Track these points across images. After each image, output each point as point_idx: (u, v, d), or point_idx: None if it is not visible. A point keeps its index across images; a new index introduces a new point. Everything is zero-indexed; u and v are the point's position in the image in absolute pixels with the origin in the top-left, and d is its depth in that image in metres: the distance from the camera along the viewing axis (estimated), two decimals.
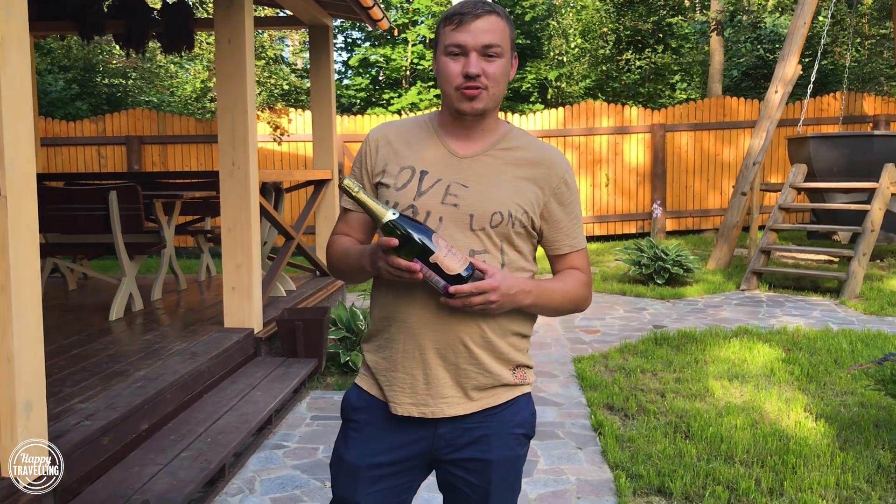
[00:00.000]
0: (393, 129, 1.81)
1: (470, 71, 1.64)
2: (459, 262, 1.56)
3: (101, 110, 14.84)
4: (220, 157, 4.98)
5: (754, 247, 8.97)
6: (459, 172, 1.71)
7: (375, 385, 1.78)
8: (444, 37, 1.69)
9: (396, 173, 1.73)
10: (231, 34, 4.88)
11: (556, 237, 1.79)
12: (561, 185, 1.77)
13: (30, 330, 2.68)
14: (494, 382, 1.74)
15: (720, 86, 15.19)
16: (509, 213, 1.69)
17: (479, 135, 1.75)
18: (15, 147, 2.59)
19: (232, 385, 4.47)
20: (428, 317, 1.69)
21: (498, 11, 1.69)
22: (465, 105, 1.68)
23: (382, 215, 1.56)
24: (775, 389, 4.82)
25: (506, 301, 1.62)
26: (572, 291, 1.79)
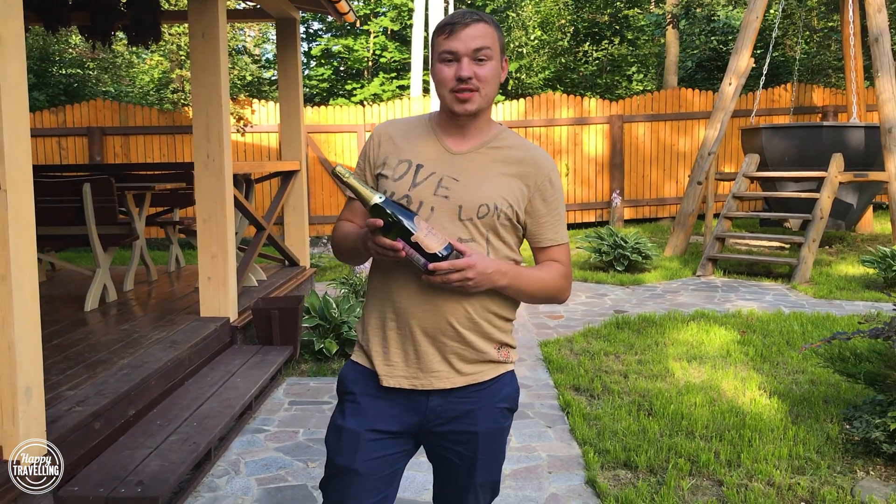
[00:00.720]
0: (396, 125, 1.97)
1: (462, 74, 1.80)
2: (438, 242, 1.70)
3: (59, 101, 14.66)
4: (194, 149, 5.07)
5: (709, 234, 9.29)
6: (452, 167, 1.87)
7: (369, 361, 1.92)
8: (437, 46, 1.85)
9: (395, 165, 1.90)
10: (205, 28, 4.97)
11: (539, 231, 1.93)
12: (545, 183, 1.91)
13: (29, 319, 2.79)
14: (480, 358, 1.88)
15: (676, 77, 15.54)
16: (495, 205, 1.84)
17: (473, 133, 1.90)
18: (14, 142, 2.69)
19: (211, 372, 4.59)
20: (416, 298, 1.84)
21: (486, 19, 1.85)
22: (458, 107, 1.83)
23: (370, 199, 1.70)
24: (731, 369, 5.08)
25: (482, 280, 1.76)
26: (549, 280, 1.93)
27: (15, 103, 2.69)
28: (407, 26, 16.71)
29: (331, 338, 5.40)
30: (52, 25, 7.20)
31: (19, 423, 2.72)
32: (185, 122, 12.05)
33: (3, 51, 2.62)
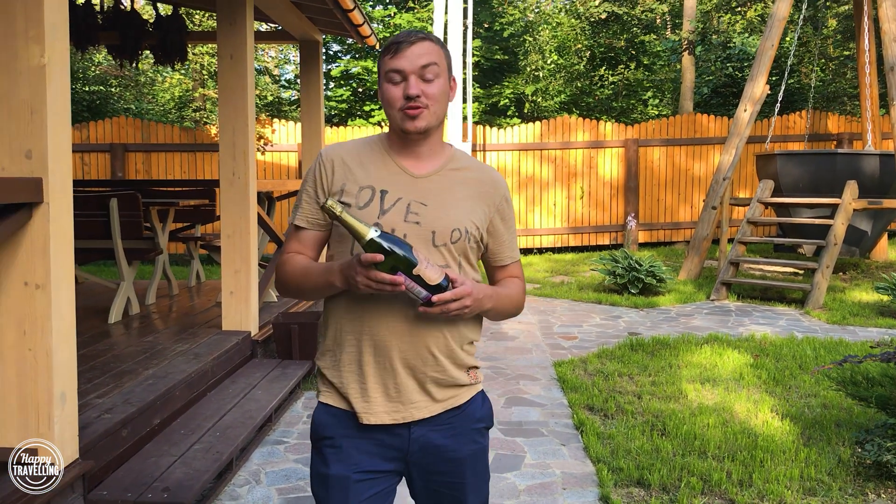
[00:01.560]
0: (344, 149, 1.89)
1: (410, 92, 1.75)
2: (437, 274, 1.68)
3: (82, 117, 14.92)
4: (220, 167, 5.20)
5: (724, 259, 9.34)
6: (417, 191, 1.82)
7: (343, 399, 1.84)
8: (384, 65, 1.80)
9: (356, 193, 1.81)
10: (233, 50, 5.12)
11: (500, 250, 1.95)
12: (503, 202, 1.92)
13: (65, 326, 2.90)
14: (454, 382, 1.86)
15: (691, 103, 15.65)
16: (466, 229, 1.82)
17: (428, 154, 1.86)
18: (57, 158, 2.81)
19: (233, 384, 4.69)
20: (398, 330, 1.79)
21: (432, 38, 1.81)
22: (409, 124, 1.78)
23: (365, 233, 1.63)
24: (744, 392, 5.13)
25: (476, 306, 1.76)
26: (517, 297, 1.97)
27: (59, 121, 2.81)
28: None
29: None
30: (82, 45, 7.40)
31: (54, 427, 2.82)
32: (205, 139, 12.24)
33: (50, 72, 2.75)
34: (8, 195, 2.66)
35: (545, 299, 9.00)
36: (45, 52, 2.73)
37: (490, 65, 17.62)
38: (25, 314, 2.79)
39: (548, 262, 11.95)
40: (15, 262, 2.78)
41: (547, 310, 8.33)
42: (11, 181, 2.68)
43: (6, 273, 2.79)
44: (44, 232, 2.78)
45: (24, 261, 2.78)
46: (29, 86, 2.74)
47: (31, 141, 2.75)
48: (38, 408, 2.81)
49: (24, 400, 2.80)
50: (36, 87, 2.74)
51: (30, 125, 2.75)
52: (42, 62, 2.73)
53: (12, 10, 2.71)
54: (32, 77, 2.73)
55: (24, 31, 2.72)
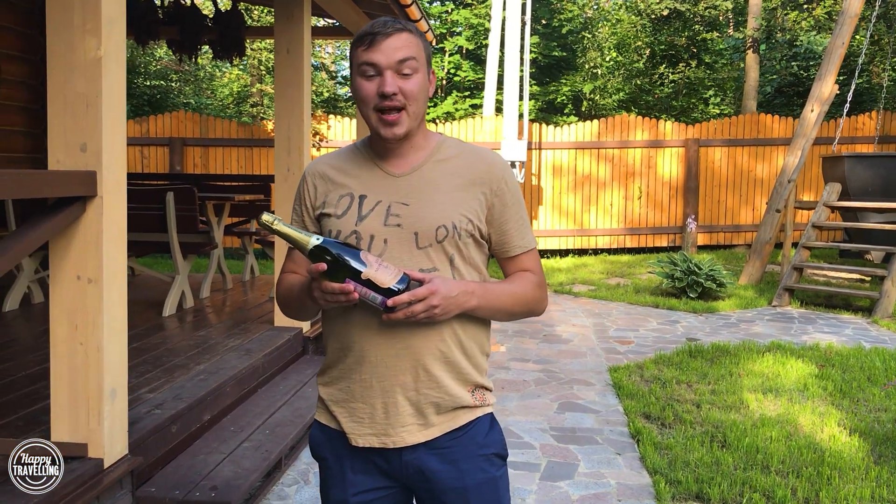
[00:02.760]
0: (326, 161, 1.80)
1: (385, 90, 1.60)
2: (392, 275, 1.53)
3: (143, 111, 15.19)
4: (275, 162, 5.18)
5: (787, 263, 9.05)
6: (398, 191, 1.68)
7: (334, 419, 1.74)
8: (356, 57, 1.65)
9: (336, 202, 1.71)
10: (290, 44, 5.09)
11: (505, 239, 1.75)
12: (501, 185, 1.72)
13: (117, 321, 2.88)
14: (454, 404, 1.69)
15: (755, 102, 15.24)
16: (453, 224, 1.66)
17: (410, 151, 1.72)
18: (111, 152, 2.79)
19: (284, 381, 4.66)
20: (383, 342, 1.65)
21: (410, 28, 1.66)
22: (386, 131, 1.65)
23: (307, 243, 1.53)
24: (809, 404, 4.92)
25: (449, 305, 1.59)
26: (522, 292, 1.74)
27: (114, 115, 2.79)
28: (482, 46, 16.81)
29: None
30: (143, 39, 7.47)
31: (104, 423, 2.80)
32: (262, 135, 12.33)
33: (106, 65, 2.73)
34: (62, 188, 2.64)
35: (601, 302, 8.83)
36: (101, 44, 2.71)
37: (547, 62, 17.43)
38: (77, 308, 2.78)
39: (603, 263, 11.75)
40: (68, 256, 2.77)
41: (602, 312, 8.17)
42: (66, 174, 2.66)
43: (59, 266, 2.77)
44: (97, 226, 2.76)
45: (77, 254, 2.76)
46: (85, 78, 2.71)
47: (85, 134, 2.73)
48: (88, 403, 2.79)
49: (74, 395, 2.79)
50: (92, 80, 2.72)
51: (85, 118, 2.73)
52: (98, 55, 2.71)
53: (70, 2, 2.69)
54: (88, 70, 2.71)
55: (82, 23, 2.70)
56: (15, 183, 2.43)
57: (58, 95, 2.72)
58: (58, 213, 2.66)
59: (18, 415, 3.29)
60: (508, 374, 5.70)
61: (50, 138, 2.73)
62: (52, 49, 2.71)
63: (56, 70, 2.71)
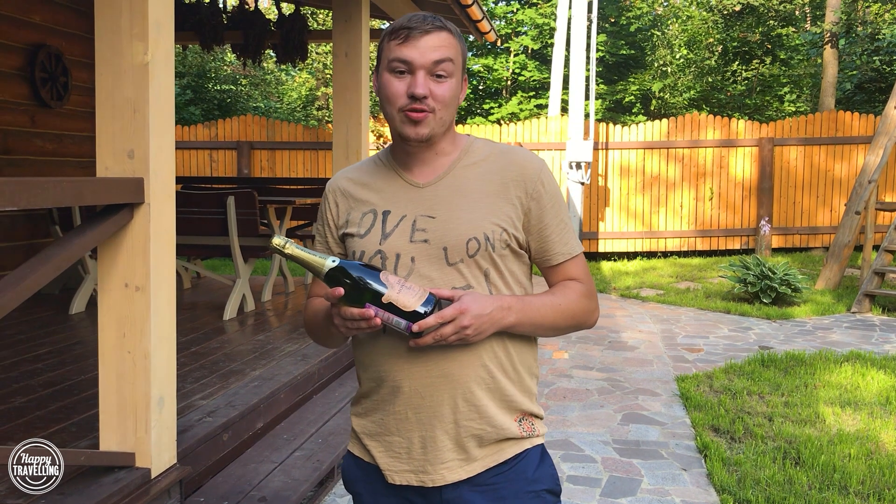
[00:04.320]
0: (347, 175, 1.68)
1: (416, 91, 1.47)
2: (416, 296, 1.40)
3: (213, 115, 15.46)
4: (333, 165, 5.14)
5: (867, 268, 8.63)
6: (423, 203, 1.54)
7: (368, 453, 1.61)
8: (388, 51, 1.51)
9: (359, 220, 1.58)
10: (348, 48, 5.04)
11: (546, 246, 1.59)
12: (537, 186, 1.56)
13: (165, 329, 2.85)
14: (498, 436, 1.55)
15: (833, 99, 14.67)
16: (485, 235, 1.51)
17: (435, 158, 1.58)
18: (159, 158, 2.76)
19: (339, 387, 4.61)
20: (416, 371, 1.51)
21: (449, 28, 1.53)
22: (409, 129, 1.50)
23: (321, 266, 1.41)
24: (892, 419, 4.63)
25: (483, 324, 1.44)
26: (566, 304, 1.57)
27: (161, 120, 2.76)
28: (547, 45, 16.60)
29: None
30: (208, 44, 7.56)
31: (151, 432, 2.77)
32: (328, 138, 12.39)
33: (153, 70, 2.70)
34: (110, 195, 2.61)
35: (669, 307, 8.57)
36: (148, 49, 2.67)
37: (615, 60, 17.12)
38: (125, 316, 2.75)
39: (673, 266, 11.43)
40: (116, 263, 2.74)
41: (671, 318, 7.91)
42: (114, 181, 2.63)
43: (107, 274, 2.75)
44: (144, 233, 2.73)
45: (125, 262, 2.74)
46: (132, 84, 2.69)
47: (133, 140, 2.70)
48: (135, 411, 2.76)
49: (122, 403, 2.76)
50: (139, 86, 2.69)
51: (132, 124, 2.70)
52: (145, 60, 2.67)
53: (117, 6, 2.66)
54: (136, 75, 2.68)
55: (129, 27, 2.67)
56: (60, 191, 2.41)
57: (105, 101, 2.70)
58: (105, 220, 2.64)
59: (72, 420, 3.30)
60: (571, 382, 5.53)
61: (98, 145, 2.71)
62: (100, 54, 2.69)
63: (104, 76, 2.69)
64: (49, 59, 6.62)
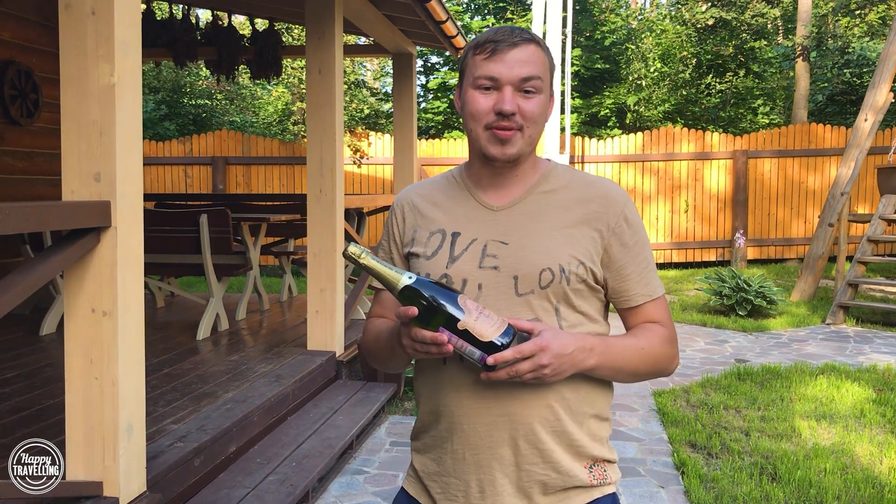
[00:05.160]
0: (418, 190, 1.60)
1: (504, 108, 1.40)
2: (495, 326, 1.31)
3: (188, 130, 15.34)
4: (308, 183, 5.10)
5: (841, 279, 8.70)
6: (496, 227, 1.47)
7: (424, 492, 1.53)
8: (473, 67, 1.44)
9: (426, 240, 1.51)
10: (321, 65, 5.01)
11: (624, 287, 1.49)
12: (620, 222, 1.47)
13: (133, 355, 2.79)
14: (566, 483, 1.44)
15: (805, 112, 14.83)
16: (561, 268, 1.42)
17: (515, 181, 1.50)
18: (126, 180, 2.71)
19: (314, 408, 4.55)
20: (476, 407, 1.43)
21: (538, 41, 1.46)
22: (496, 149, 1.43)
23: (397, 281, 1.33)
24: (866, 432, 4.65)
25: (562, 364, 1.34)
26: (650, 349, 1.47)
27: (128, 142, 2.71)
28: None
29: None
30: (181, 60, 7.50)
31: (119, 460, 2.71)
32: (304, 152, 12.33)
33: (120, 91, 2.65)
34: (75, 220, 2.56)
35: None
36: (115, 70, 2.63)
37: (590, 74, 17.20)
38: (92, 342, 2.69)
39: None
40: (82, 288, 2.69)
41: None
42: (79, 205, 2.58)
43: (74, 299, 2.70)
44: (111, 257, 2.68)
45: (92, 286, 2.68)
46: (98, 106, 2.64)
47: (99, 163, 2.65)
48: (103, 439, 2.70)
49: (90, 431, 2.70)
50: (105, 107, 2.64)
51: (99, 146, 2.65)
52: (112, 81, 2.63)
53: (83, 27, 2.62)
54: (102, 97, 2.64)
55: (95, 48, 2.63)
56: (23, 217, 2.36)
57: (71, 123, 2.65)
58: (71, 244, 2.58)
59: None
60: None
61: (64, 168, 2.66)
62: (65, 75, 2.64)
63: (69, 97, 2.64)
64: (18, 76, 6.54)
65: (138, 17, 2.79)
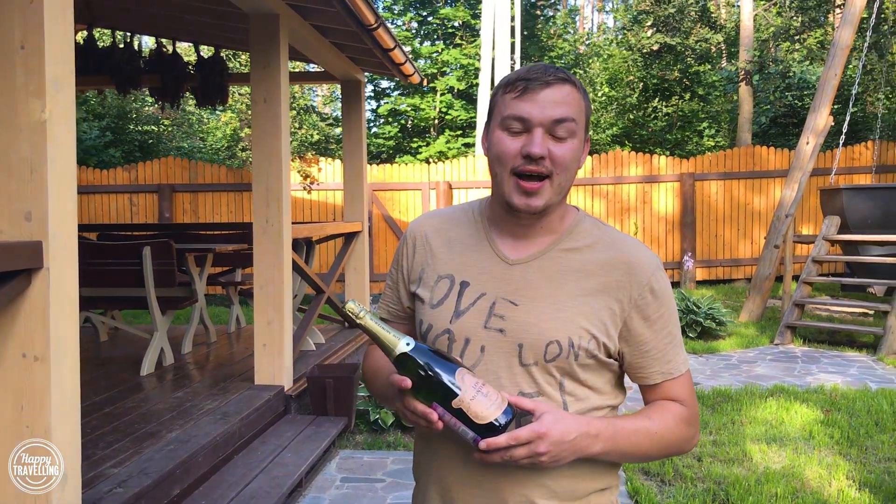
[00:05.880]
0: (434, 221, 1.49)
1: (532, 151, 1.28)
2: (493, 407, 1.22)
3: (134, 157, 15.08)
4: (254, 214, 5.01)
5: (788, 299, 8.85)
6: (509, 284, 1.36)
7: None
8: (502, 106, 1.33)
9: (433, 284, 1.41)
10: (267, 94, 4.94)
11: (643, 363, 1.37)
12: (645, 293, 1.35)
13: (67, 402, 2.67)
14: None
15: (749, 134, 15.16)
16: (570, 342, 1.31)
17: (539, 233, 1.39)
18: (59, 219, 2.61)
19: (262, 445, 4.44)
20: (466, 477, 1.35)
21: (574, 81, 1.35)
22: (520, 200, 1.32)
23: (394, 346, 1.26)
24: (815, 454, 4.70)
25: (562, 451, 1.24)
26: (663, 431, 1.35)
27: (61, 180, 2.61)
28: (473, 85, 16.77)
29: (387, 408, 5.20)
30: (124, 88, 7.36)
31: None
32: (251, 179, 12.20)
33: (52, 128, 2.56)
34: (4, 262, 2.45)
35: None
36: (46, 106, 2.54)
37: None
38: (23, 388, 2.57)
39: None
40: (13, 332, 2.57)
41: None
42: (8, 246, 2.47)
43: (3, 344, 2.57)
44: (43, 299, 2.57)
45: (23, 330, 2.57)
46: (29, 143, 2.54)
47: (30, 202, 2.55)
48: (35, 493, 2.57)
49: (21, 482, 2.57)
50: (36, 145, 2.54)
51: (29, 185, 2.55)
52: (43, 118, 2.54)
53: (11, 62, 2.53)
54: (33, 133, 2.54)
55: (25, 84, 2.53)
56: None
57: (1, 161, 2.55)
58: (1, 287, 2.47)
59: None
60: None
61: None
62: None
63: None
64: None
65: (71, 50, 2.70)
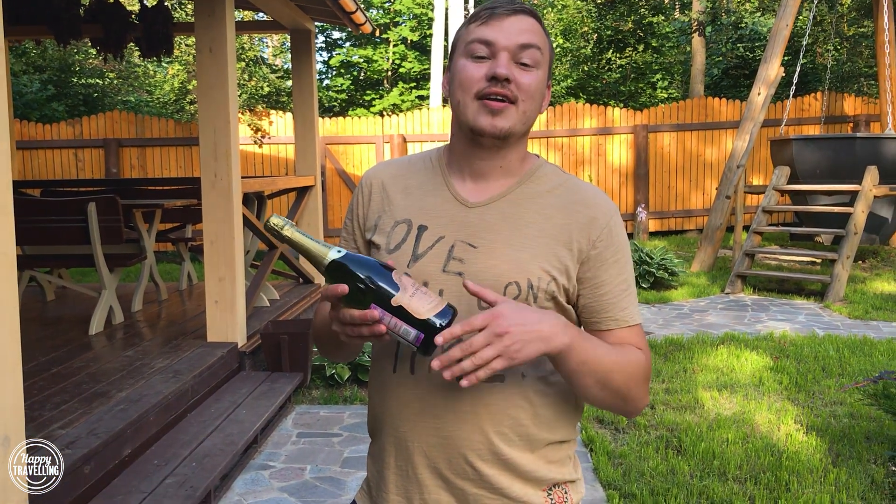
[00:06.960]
0: (390, 169, 1.44)
1: (498, 71, 1.24)
2: (431, 304, 1.15)
3: (78, 111, 14.62)
4: (201, 168, 4.88)
5: (738, 249, 8.98)
6: (467, 227, 1.32)
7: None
8: (466, 35, 1.30)
9: (389, 230, 1.36)
10: (212, 43, 4.78)
11: (598, 307, 1.32)
12: (604, 235, 1.32)
13: (8, 360, 2.58)
14: None
15: (702, 86, 15.23)
16: (529, 283, 1.27)
17: (498, 173, 1.35)
18: None
19: (216, 403, 4.38)
20: (419, 419, 1.30)
21: (539, 19, 1.32)
22: (485, 120, 1.27)
23: (324, 255, 1.18)
24: (765, 399, 4.80)
25: (527, 334, 1.14)
26: (626, 361, 1.28)
27: None
28: (426, 36, 16.54)
29: (339, 362, 5.18)
30: (64, 39, 7.08)
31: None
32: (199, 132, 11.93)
33: None
34: None
35: None
36: None
37: None
38: None
39: None
40: None
41: None
42: None
43: None
44: None
45: None
46: None
47: None
48: None
49: None
50: None
51: None
52: None
53: None
54: None
55: None
56: None
57: None
58: None
59: None
60: None
61: None
62: None
63: None
64: None
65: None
